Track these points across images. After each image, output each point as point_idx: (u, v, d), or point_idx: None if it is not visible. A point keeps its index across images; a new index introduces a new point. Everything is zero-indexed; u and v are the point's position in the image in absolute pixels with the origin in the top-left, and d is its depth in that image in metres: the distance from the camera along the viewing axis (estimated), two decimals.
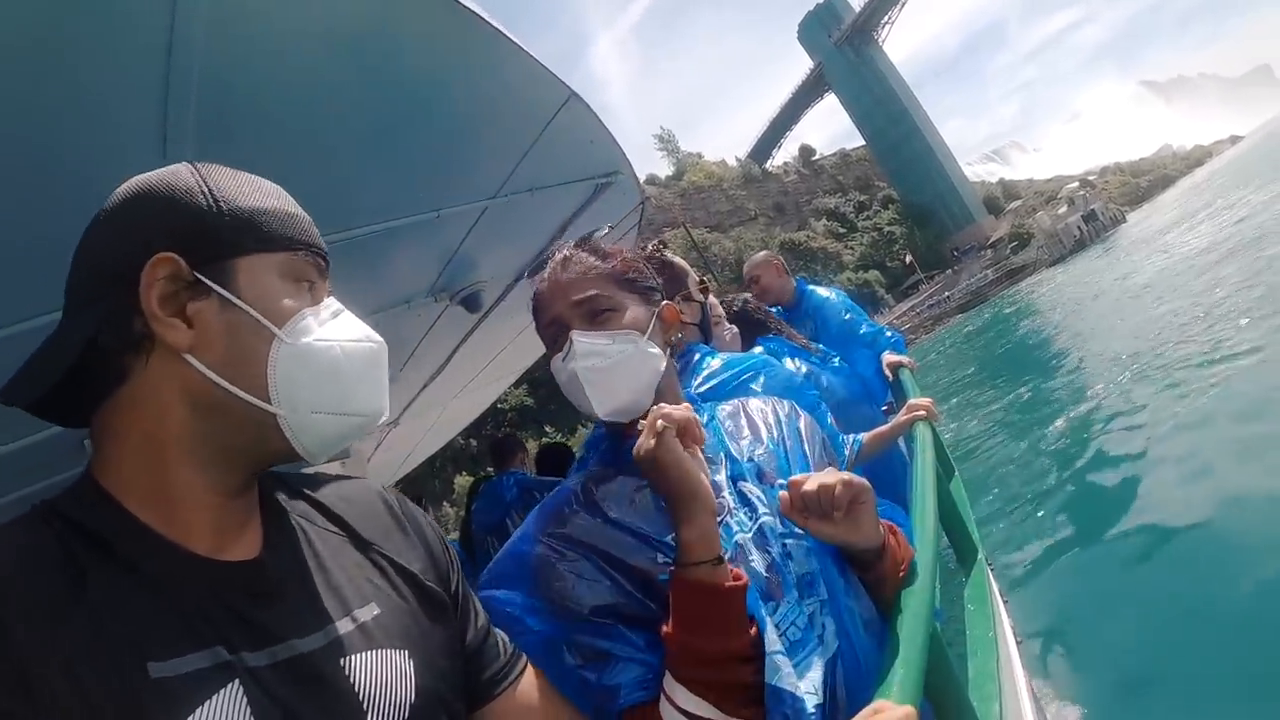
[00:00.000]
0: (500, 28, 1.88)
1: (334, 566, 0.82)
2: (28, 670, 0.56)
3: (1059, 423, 9.54)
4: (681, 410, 1.05)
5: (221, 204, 0.75)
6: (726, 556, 1.01)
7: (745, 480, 1.17)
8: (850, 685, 1.02)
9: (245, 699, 0.64)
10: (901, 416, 2.36)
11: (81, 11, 1.28)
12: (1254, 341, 8.44)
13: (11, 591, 0.59)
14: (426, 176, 2.66)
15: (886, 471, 2.42)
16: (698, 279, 2.32)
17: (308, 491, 0.89)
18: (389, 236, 2.78)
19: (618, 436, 1.22)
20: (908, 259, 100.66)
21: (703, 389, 1.85)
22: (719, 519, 1.05)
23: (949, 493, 2.15)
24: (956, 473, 2.78)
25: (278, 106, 1.85)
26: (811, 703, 0.96)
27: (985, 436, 11.12)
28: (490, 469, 4.80)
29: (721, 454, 1.20)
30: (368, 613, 0.79)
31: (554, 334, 1.20)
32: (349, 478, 0.98)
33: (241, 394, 0.73)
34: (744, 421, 1.31)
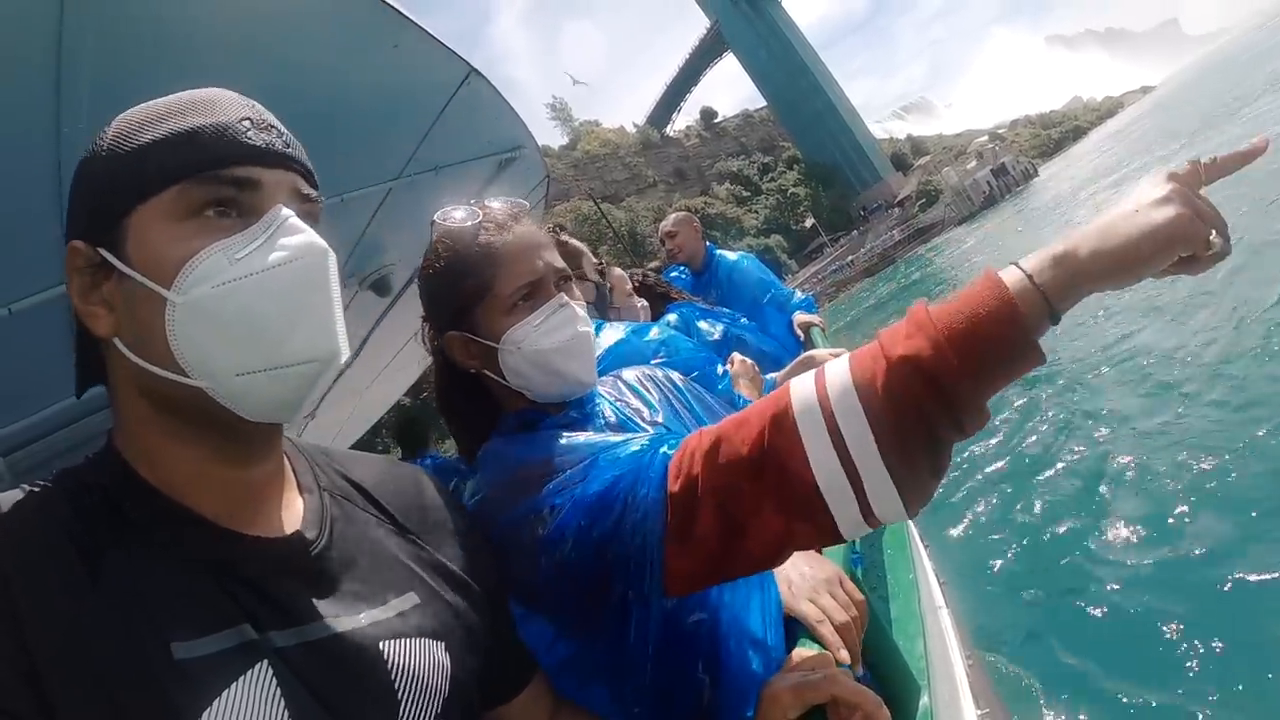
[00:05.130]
0: (396, 5, 1.91)
1: (374, 551, 0.79)
2: (41, 662, 0.53)
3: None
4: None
5: (112, 156, 0.67)
6: None
7: None
8: None
9: (274, 680, 0.62)
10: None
11: None
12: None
13: (22, 574, 0.56)
14: (328, 161, 2.65)
15: None
16: (594, 261, 2.37)
17: (353, 473, 0.86)
18: None
19: (535, 424, 1.13)
20: (809, 222, 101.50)
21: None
22: None
23: None
24: None
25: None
26: None
27: None
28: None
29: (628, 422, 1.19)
30: (407, 601, 0.77)
31: (554, 279, 1.11)
32: (398, 461, 0.96)
33: (161, 372, 0.65)
34: (627, 391, 1.28)
